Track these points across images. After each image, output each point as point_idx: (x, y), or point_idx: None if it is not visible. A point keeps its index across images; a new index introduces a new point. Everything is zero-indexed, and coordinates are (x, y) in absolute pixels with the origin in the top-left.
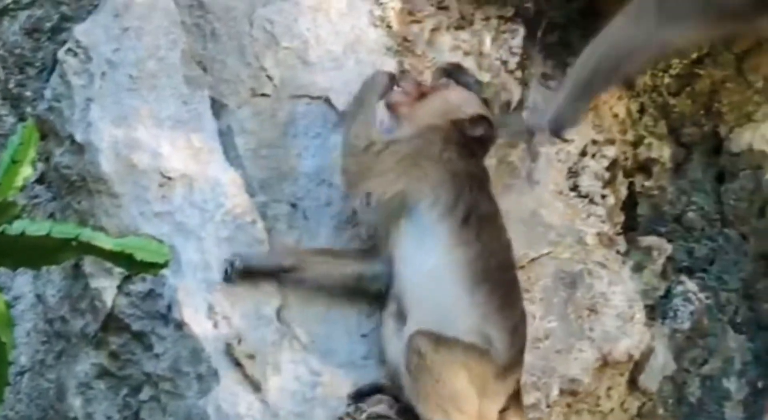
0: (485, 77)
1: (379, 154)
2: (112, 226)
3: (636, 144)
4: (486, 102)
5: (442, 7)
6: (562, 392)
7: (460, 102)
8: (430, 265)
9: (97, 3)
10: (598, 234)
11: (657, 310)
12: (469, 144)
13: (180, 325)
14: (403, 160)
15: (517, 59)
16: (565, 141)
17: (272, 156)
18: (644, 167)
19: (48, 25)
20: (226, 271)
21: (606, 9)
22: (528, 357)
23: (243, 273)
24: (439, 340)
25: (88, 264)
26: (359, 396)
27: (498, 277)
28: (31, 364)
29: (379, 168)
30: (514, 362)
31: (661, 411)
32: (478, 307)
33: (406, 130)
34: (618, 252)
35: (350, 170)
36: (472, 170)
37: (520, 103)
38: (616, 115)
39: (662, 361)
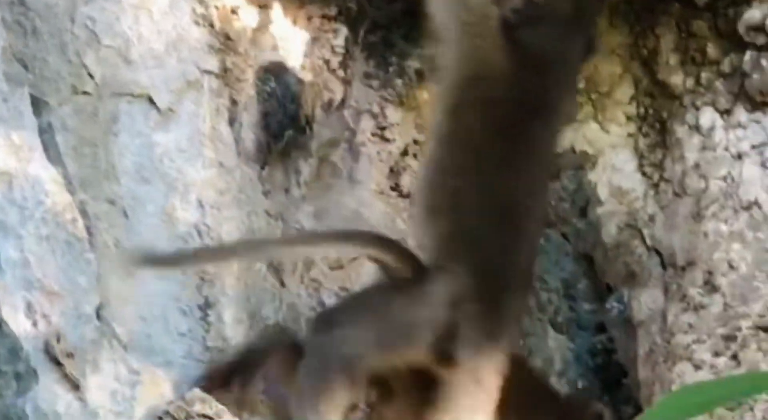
0: (308, 76)
1: None
2: None
3: None
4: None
5: (264, 6)
6: None
7: None
8: None
9: None
10: None
11: None
12: None
13: None
14: None
15: (339, 58)
16: (387, 140)
17: (93, 154)
18: None
19: None
20: None
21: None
22: None
23: None
24: None
25: None
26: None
27: None
28: None
29: None
30: None
31: None
32: None
33: None
34: None
35: None
36: None
37: (342, 102)
38: None
39: None
